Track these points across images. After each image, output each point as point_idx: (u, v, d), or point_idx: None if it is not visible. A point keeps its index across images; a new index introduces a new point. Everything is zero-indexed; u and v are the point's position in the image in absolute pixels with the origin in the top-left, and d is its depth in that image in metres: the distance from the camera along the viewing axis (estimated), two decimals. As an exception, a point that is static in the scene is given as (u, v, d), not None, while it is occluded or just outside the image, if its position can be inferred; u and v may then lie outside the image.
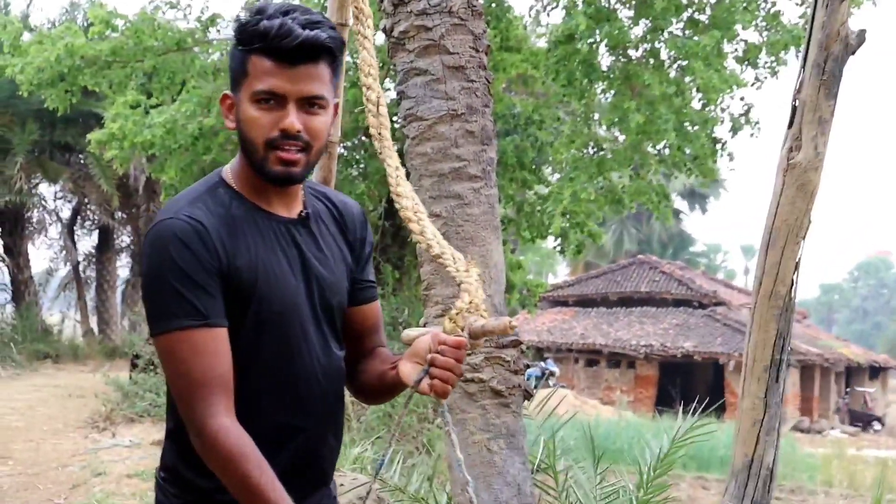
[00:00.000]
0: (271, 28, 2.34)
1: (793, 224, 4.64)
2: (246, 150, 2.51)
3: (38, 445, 13.49)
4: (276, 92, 2.40)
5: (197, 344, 2.34)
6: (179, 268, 2.33)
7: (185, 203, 2.46)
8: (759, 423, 4.77)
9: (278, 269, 2.51)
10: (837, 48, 4.55)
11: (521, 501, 5.07)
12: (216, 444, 2.30)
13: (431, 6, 5.23)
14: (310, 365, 2.59)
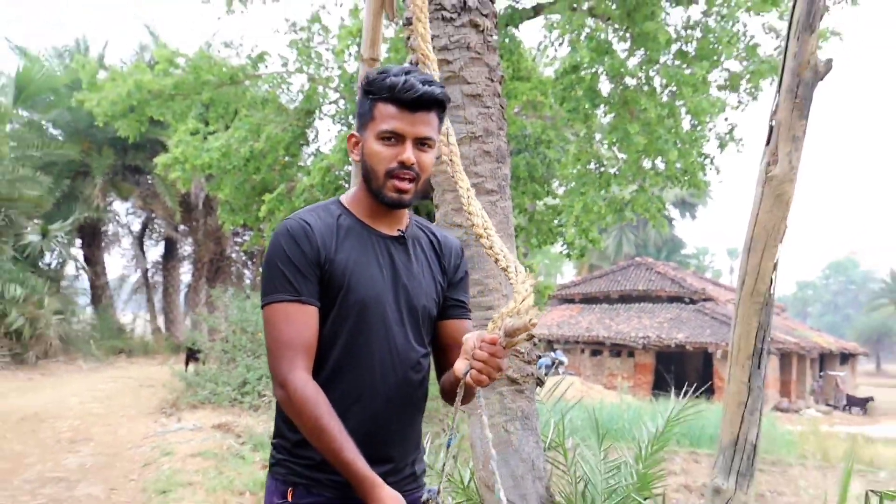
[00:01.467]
0: (398, 82, 2.67)
1: (771, 230, 4.63)
2: (367, 178, 2.80)
3: (115, 429, 13.53)
4: (397, 132, 2.70)
5: (289, 314, 2.65)
6: (287, 256, 2.67)
7: (305, 212, 2.82)
8: (743, 404, 4.75)
9: (368, 269, 2.77)
10: (808, 75, 4.54)
11: (534, 475, 5.06)
12: (295, 392, 2.57)
13: (452, 42, 5.24)
14: (387, 353, 2.79)
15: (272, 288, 2.67)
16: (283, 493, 2.76)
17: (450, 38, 5.26)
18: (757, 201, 4.66)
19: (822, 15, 4.60)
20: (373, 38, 6.58)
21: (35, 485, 9.65)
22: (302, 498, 2.75)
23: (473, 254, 5.21)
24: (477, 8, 5.31)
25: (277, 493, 2.78)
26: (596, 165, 16.84)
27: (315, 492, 2.75)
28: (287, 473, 2.78)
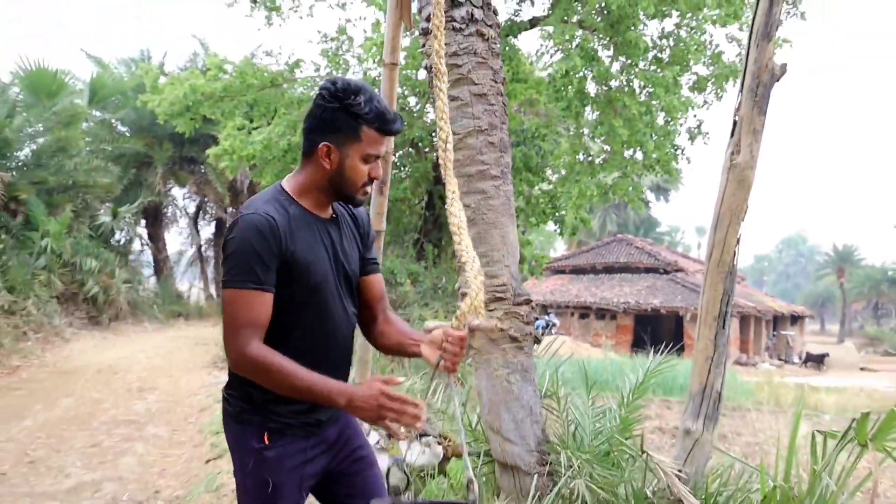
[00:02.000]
0: (385, 114, 2.77)
1: (734, 210, 4.63)
2: (340, 185, 2.86)
3: (175, 380, 13.58)
4: (377, 154, 2.82)
5: (251, 300, 2.65)
6: (255, 249, 2.65)
7: (262, 203, 2.77)
8: (710, 358, 4.76)
9: (318, 255, 2.84)
10: (766, 77, 4.54)
11: (532, 420, 5.06)
12: (256, 358, 2.61)
13: (461, 49, 5.23)
14: (336, 317, 2.91)
15: (238, 274, 2.66)
16: (260, 438, 2.82)
17: (459, 45, 5.25)
18: (722, 185, 4.67)
19: (778, 26, 4.58)
20: (393, 45, 6.56)
21: (110, 426, 9.70)
22: (277, 441, 2.83)
23: (480, 231, 5.20)
24: (483, 20, 5.31)
25: (255, 438, 2.82)
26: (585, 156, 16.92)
27: (288, 433, 2.85)
28: (262, 421, 2.83)
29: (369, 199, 8.12)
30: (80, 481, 7.28)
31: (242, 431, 2.87)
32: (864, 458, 4.50)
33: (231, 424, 2.92)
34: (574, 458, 4.75)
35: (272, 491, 2.81)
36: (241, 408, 2.86)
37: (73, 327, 19.50)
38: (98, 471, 7.66)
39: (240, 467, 2.89)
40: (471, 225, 5.23)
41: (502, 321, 5.13)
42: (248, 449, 2.84)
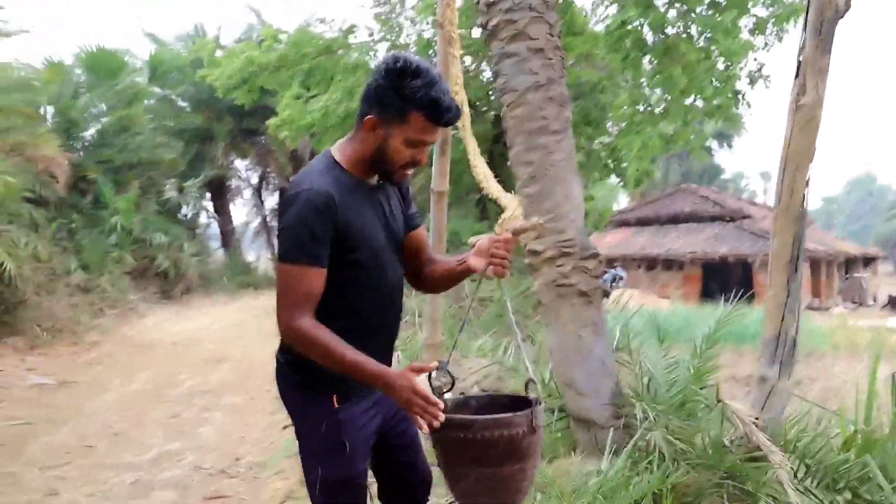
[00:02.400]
0: (441, 101, 2.66)
1: (802, 152, 4.55)
2: (380, 161, 2.81)
3: (248, 350, 13.70)
4: (425, 141, 2.75)
5: (305, 275, 2.68)
6: (310, 225, 2.67)
7: (317, 177, 2.77)
8: (783, 304, 4.70)
9: (371, 220, 2.86)
10: (830, 13, 4.44)
11: (605, 373, 5.05)
12: (307, 332, 2.65)
13: (516, 4, 5.21)
14: (388, 277, 2.95)
15: (293, 249, 2.69)
16: (330, 401, 2.84)
17: (514, 1, 5.20)
18: (789, 128, 4.58)
19: (842, -39, 4.47)
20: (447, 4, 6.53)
21: (188, 397, 9.84)
22: (344, 403, 2.86)
23: (543, 187, 5.17)
24: (537, -28, 5.26)
25: (325, 402, 2.86)
26: (645, 106, 16.78)
27: (353, 396, 2.87)
28: (330, 386, 2.85)
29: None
30: (162, 451, 7.39)
31: (310, 397, 2.91)
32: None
33: (295, 391, 2.96)
34: (649, 410, 4.73)
35: (350, 452, 2.85)
36: (309, 375, 2.88)
37: (147, 302, 19.77)
38: (179, 441, 7.78)
39: (310, 433, 2.92)
40: (533, 181, 5.21)
41: (570, 277, 5.11)
42: (318, 413, 2.87)
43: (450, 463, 2.68)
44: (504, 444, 2.58)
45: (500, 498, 2.68)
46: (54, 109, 20.02)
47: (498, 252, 2.82)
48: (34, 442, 7.72)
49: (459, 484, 2.69)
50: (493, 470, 2.62)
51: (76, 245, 17.55)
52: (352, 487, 2.90)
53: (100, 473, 6.71)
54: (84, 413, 8.95)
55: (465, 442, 2.58)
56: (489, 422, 2.60)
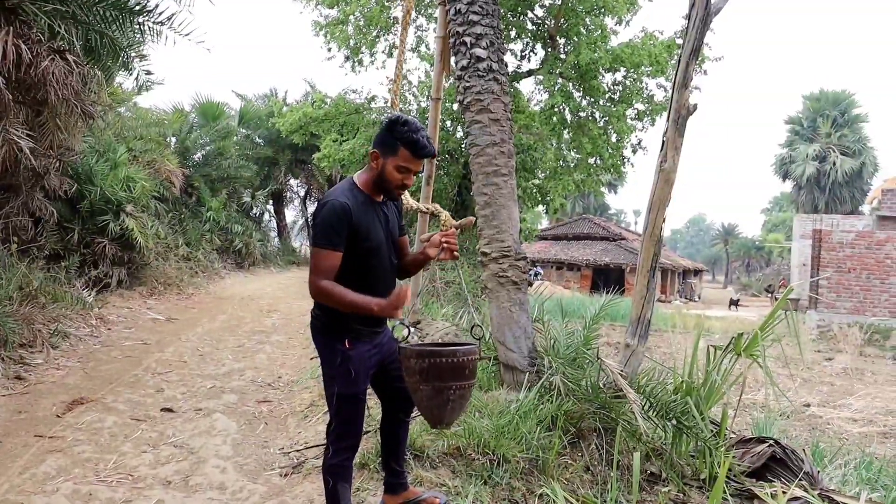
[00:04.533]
0: (419, 141, 2.80)
1: (662, 200, 4.58)
2: (381, 182, 2.89)
3: (291, 305, 13.64)
4: (409, 168, 2.84)
5: (327, 256, 2.76)
6: (332, 223, 2.76)
7: (340, 193, 2.85)
8: (643, 297, 4.72)
9: (375, 226, 2.90)
10: (684, 112, 4.47)
11: (526, 336, 5.04)
12: (325, 287, 2.74)
13: (483, 90, 5.20)
14: (386, 265, 2.99)
15: (320, 238, 2.76)
16: (343, 342, 2.89)
17: (482, 87, 5.21)
18: (654, 183, 4.61)
19: (691, 79, 4.50)
20: (437, 86, 6.52)
21: (250, 334, 9.75)
22: (354, 344, 2.91)
23: (493, 210, 5.17)
24: (497, 70, 5.27)
25: (340, 343, 2.90)
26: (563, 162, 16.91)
27: (360, 339, 2.93)
28: (344, 332, 2.91)
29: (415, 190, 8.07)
30: (231, 368, 7.35)
31: (331, 339, 2.94)
32: (738, 362, 4.48)
33: (321, 335, 2.99)
34: (553, 362, 4.73)
35: (354, 377, 2.91)
36: (330, 324, 2.93)
37: (226, 269, 19.64)
38: (242, 362, 7.73)
39: (328, 362, 2.97)
40: (488, 207, 5.21)
41: (507, 271, 5.11)
42: (336, 350, 2.92)
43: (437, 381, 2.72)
44: (472, 364, 2.74)
45: (461, 404, 2.79)
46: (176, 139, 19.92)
47: (450, 242, 2.96)
48: (149, 356, 7.67)
49: (439, 396, 2.73)
50: (465, 382, 2.74)
51: (183, 229, 17.45)
52: (355, 400, 2.95)
53: (190, 379, 6.68)
54: (182, 339, 8.86)
55: (453, 364, 2.70)
56: (468, 349, 2.77)
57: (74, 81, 6.86)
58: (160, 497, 3.75)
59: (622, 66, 14.52)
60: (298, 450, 4.52)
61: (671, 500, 3.81)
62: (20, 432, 4.73)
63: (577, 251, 37.82)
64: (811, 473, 3.99)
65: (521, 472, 3.83)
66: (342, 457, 2.98)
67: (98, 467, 4.15)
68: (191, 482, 3.99)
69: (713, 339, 12.29)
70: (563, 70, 14.85)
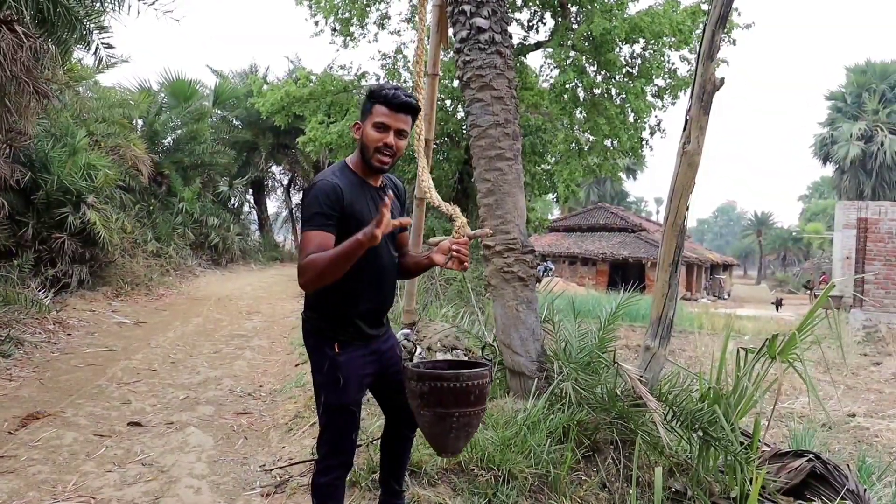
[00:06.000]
0: (390, 93, 2.86)
1: (685, 185, 4.58)
2: (363, 150, 2.92)
3: (273, 306, 13.70)
4: (385, 124, 2.86)
5: (318, 237, 2.72)
6: (321, 203, 2.76)
7: (331, 174, 2.90)
8: (665, 295, 4.73)
9: (369, 211, 2.86)
10: (710, 87, 4.47)
11: (534, 338, 5.06)
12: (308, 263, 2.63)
13: (485, 64, 5.20)
14: (384, 258, 2.98)
15: (311, 220, 2.75)
16: (332, 348, 2.90)
17: (483, 61, 5.21)
18: (676, 167, 4.61)
19: (718, 50, 4.50)
20: (434, 61, 6.52)
21: (227, 338, 9.81)
22: (343, 349, 2.91)
23: (497, 199, 5.18)
24: (501, 42, 5.27)
25: (328, 348, 2.91)
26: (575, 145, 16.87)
27: (352, 345, 2.93)
28: (334, 336, 2.92)
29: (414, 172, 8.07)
30: (207, 377, 7.38)
31: (320, 343, 2.95)
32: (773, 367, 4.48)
33: (310, 338, 3.01)
34: (564, 367, 4.76)
35: (342, 385, 2.90)
36: (319, 326, 2.95)
37: (201, 266, 19.73)
38: (219, 370, 7.76)
39: (317, 369, 2.97)
40: (491, 195, 5.22)
41: (512, 266, 5.12)
42: (324, 355, 2.92)
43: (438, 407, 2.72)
44: (478, 389, 2.70)
45: (467, 432, 2.78)
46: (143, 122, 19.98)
47: (461, 251, 2.91)
48: (115, 364, 7.71)
49: (442, 423, 2.73)
50: (469, 409, 2.71)
51: (152, 222, 17.52)
52: (345, 412, 2.95)
53: (161, 390, 6.71)
54: (151, 345, 8.90)
55: (456, 389, 2.67)
56: (473, 374, 2.72)
57: (25, 57, 6.87)
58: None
59: (641, 37, 14.47)
60: (282, 466, 4.54)
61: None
62: (-33, 451, 4.74)
63: (593, 244, 37.85)
64: (857, 492, 3.96)
65: (529, 489, 3.86)
66: (332, 475, 2.98)
67: (56, 489, 4.16)
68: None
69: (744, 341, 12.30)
70: (574, 42, 14.84)
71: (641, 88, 15.00)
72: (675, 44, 14.72)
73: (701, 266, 39.39)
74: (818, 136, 50.16)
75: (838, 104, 49.51)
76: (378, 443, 3.60)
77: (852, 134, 46.57)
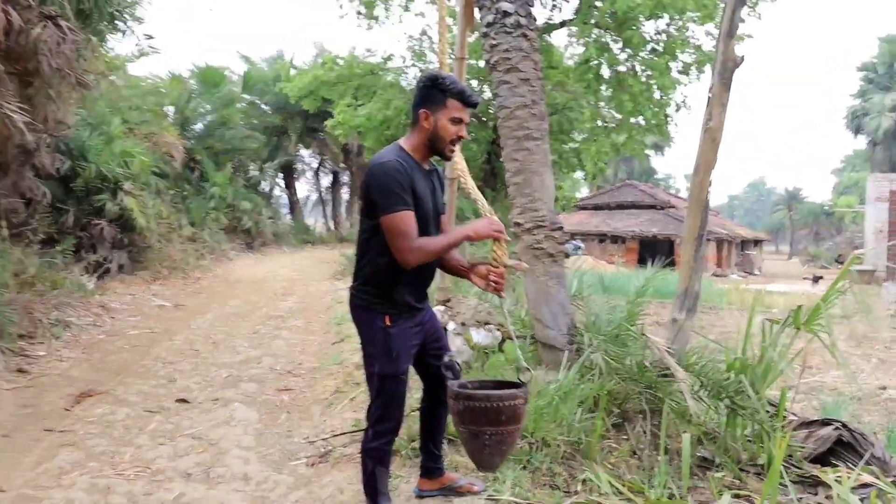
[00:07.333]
0: (466, 91, 3.02)
1: (707, 161, 4.68)
2: (434, 140, 3.03)
3: (307, 288, 13.90)
4: (461, 118, 3.01)
5: (408, 218, 2.88)
6: (397, 182, 2.89)
7: (393, 156, 2.97)
8: (691, 268, 4.83)
9: (424, 193, 3.03)
10: (730, 65, 4.55)
11: (564, 312, 5.18)
12: (420, 248, 2.89)
13: (511, 47, 5.30)
14: (433, 233, 3.08)
15: (390, 204, 2.87)
16: (383, 319, 3.05)
17: (509, 44, 5.32)
18: (699, 144, 4.69)
19: (738, 27, 4.58)
20: (461, 44, 6.63)
21: (264, 319, 10.03)
22: (394, 322, 3.06)
23: (525, 177, 5.29)
24: (526, 25, 5.36)
25: (380, 319, 3.05)
26: (601, 122, 16.87)
27: (401, 317, 3.09)
28: (386, 308, 3.06)
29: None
30: (247, 356, 7.61)
31: (372, 317, 3.08)
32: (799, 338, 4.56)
33: (362, 312, 3.14)
34: (594, 339, 4.85)
35: (396, 356, 3.06)
36: (372, 301, 3.08)
37: (235, 250, 20.00)
38: (258, 349, 7.98)
39: (369, 341, 3.12)
40: (519, 174, 5.33)
41: (542, 243, 5.24)
42: (376, 328, 3.07)
43: (471, 425, 2.82)
44: (511, 410, 2.78)
45: (501, 449, 2.87)
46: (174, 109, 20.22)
47: (497, 281, 3.03)
48: (158, 345, 7.96)
49: (476, 440, 2.83)
50: (501, 428, 2.79)
51: (186, 207, 17.78)
52: (396, 380, 3.10)
53: (204, 368, 6.95)
54: (192, 326, 9.16)
55: (486, 409, 2.76)
56: (504, 395, 2.81)
57: (68, 49, 7.09)
58: (181, 490, 3.94)
59: (665, 13, 14.42)
60: (325, 438, 4.73)
61: (725, 487, 3.89)
62: (28, 427, 4.98)
63: (621, 222, 37.65)
64: (883, 459, 4.02)
65: (561, 456, 4.00)
66: (383, 440, 3.16)
67: (114, 460, 4.38)
68: (212, 474, 4.20)
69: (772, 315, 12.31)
70: (598, 19, 14.83)
71: (666, 64, 14.94)
72: (699, 19, 14.62)
73: (731, 242, 39.06)
74: (850, 108, 49.50)
75: (870, 75, 48.78)
76: (415, 414, 3.76)
77: (885, 105, 45.89)
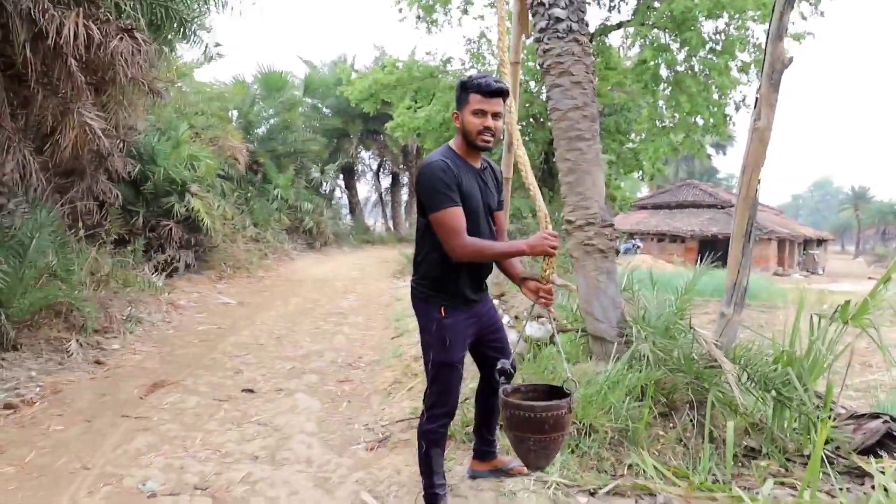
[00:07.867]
0: (482, 82, 3.12)
1: (756, 160, 4.76)
2: (466, 135, 3.19)
3: (367, 286, 14.14)
4: (482, 109, 3.13)
5: (456, 214, 3.05)
6: (443, 181, 3.06)
7: (440, 156, 3.15)
8: (739, 263, 4.92)
9: (472, 189, 3.20)
10: (779, 66, 4.63)
11: (614, 306, 5.29)
12: (472, 245, 3.05)
13: (563, 52, 5.40)
14: (483, 232, 3.24)
15: (439, 202, 3.04)
16: (439, 310, 3.24)
17: (562, 49, 5.42)
18: (748, 142, 4.78)
19: (786, 29, 4.65)
20: (516, 48, 6.77)
21: (326, 316, 10.27)
22: (450, 312, 3.25)
23: (578, 177, 5.41)
24: (577, 30, 5.45)
25: (436, 310, 3.25)
26: (659, 122, 16.82)
27: (457, 308, 3.28)
28: (441, 300, 3.25)
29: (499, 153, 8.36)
30: (310, 350, 7.87)
31: (429, 308, 3.29)
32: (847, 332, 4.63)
33: (420, 303, 3.34)
34: (643, 332, 4.95)
35: (449, 345, 3.25)
36: (428, 293, 3.29)
37: (297, 250, 20.37)
38: (320, 344, 8.24)
39: (426, 330, 3.32)
40: (571, 173, 5.46)
41: (593, 239, 5.37)
42: (432, 318, 3.27)
43: (517, 431, 2.98)
44: (553, 419, 2.92)
45: (546, 454, 3.01)
46: (238, 113, 20.68)
47: (546, 297, 3.13)
48: (225, 339, 8.27)
49: (522, 444, 2.99)
50: (545, 436, 2.93)
51: (250, 208, 18.19)
52: (451, 368, 3.30)
53: (269, 361, 7.21)
54: (256, 323, 9.45)
55: (530, 419, 2.91)
56: (548, 406, 2.93)
57: (141, 59, 7.46)
58: (249, 470, 4.22)
59: (723, 12, 14.34)
60: (384, 425, 4.97)
61: (770, 475, 3.99)
62: (106, 413, 5.31)
63: (681, 221, 37.27)
64: (933, 452, 4.04)
65: (609, 441, 4.15)
66: (437, 423, 3.37)
67: (186, 444, 4.68)
68: (278, 457, 4.47)
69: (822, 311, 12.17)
70: (656, 20, 14.81)
71: (725, 64, 14.83)
72: (759, 17, 14.50)
73: (794, 241, 38.34)
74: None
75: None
76: (470, 402, 3.97)
77: (956, 101, 44.47)
